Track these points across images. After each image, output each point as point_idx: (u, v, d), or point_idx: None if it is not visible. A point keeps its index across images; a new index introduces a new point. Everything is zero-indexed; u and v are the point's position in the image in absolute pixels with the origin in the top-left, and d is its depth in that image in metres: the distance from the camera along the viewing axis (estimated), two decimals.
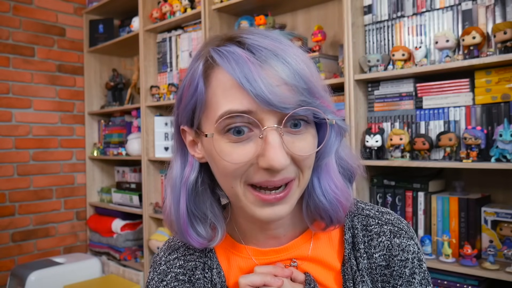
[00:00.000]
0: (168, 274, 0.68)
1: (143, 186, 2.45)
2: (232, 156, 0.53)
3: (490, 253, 1.37)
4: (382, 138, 1.59)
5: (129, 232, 2.65)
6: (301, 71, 0.52)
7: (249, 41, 0.54)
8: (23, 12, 2.64)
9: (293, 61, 0.52)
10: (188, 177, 0.62)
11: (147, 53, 2.46)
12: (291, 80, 0.51)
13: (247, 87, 0.50)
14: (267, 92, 0.50)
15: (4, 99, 2.56)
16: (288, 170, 0.54)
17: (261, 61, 0.51)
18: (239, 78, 0.51)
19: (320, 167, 0.60)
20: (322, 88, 0.56)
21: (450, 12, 1.51)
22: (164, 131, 2.37)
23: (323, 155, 0.58)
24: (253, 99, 0.51)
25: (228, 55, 0.52)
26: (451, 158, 1.46)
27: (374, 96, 1.66)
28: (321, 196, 0.59)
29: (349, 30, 1.62)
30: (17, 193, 2.61)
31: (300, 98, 0.52)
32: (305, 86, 0.52)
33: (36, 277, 2.22)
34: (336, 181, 0.60)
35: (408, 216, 1.58)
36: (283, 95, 0.51)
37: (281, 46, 0.54)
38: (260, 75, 0.50)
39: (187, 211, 0.62)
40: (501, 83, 1.39)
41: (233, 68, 0.51)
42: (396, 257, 0.63)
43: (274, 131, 0.52)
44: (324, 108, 0.55)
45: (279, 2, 1.98)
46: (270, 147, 0.51)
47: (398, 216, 0.69)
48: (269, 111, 0.51)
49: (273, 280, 0.59)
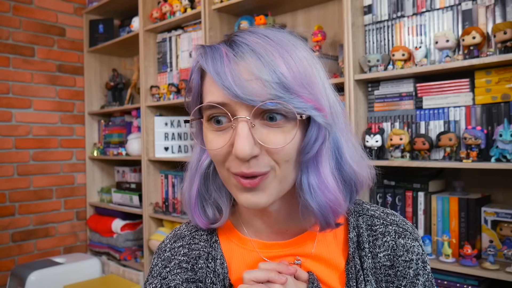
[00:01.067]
0: (171, 261, 0.69)
1: (143, 186, 2.45)
2: (211, 143, 0.58)
3: (490, 253, 1.37)
4: (382, 138, 1.59)
5: (129, 232, 2.65)
6: (276, 66, 0.54)
7: (236, 38, 0.57)
8: (23, 12, 2.64)
9: (270, 57, 0.54)
10: (202, 162, 0.67)
11: (147, 53, 2.46)
12: (262, 74, 0.53)
13: (217, 80, 0.54)
14: (234, 85, 0.53)
15: (4, 99, 2.56)
16: (260, 163, 0.55)
17: (238, 57, 0.55)
18: (212, 73, 0.55)
19: (306, 165, 0.58)
20: (305, 84, 0.55)
21: (450, 12, 1.51)
22: (164, 131, 2.37)
23: (305, 150, 0.57)
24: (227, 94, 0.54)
25: (208, 52, 0.57)
26: (451, 158, 1.46)
27: (374, 96, 1.66)
28: (307, 195, 0.58)
29: (349, 30, 1.62)
30: (17, 193, 2.61)
31: (271, 92, 0.53)
32: (278, 81, 0.53)
33: (36, 277, 2.22)
34: (326, 182, 0.58)
35: (408, 216, 1.58)
36: (252, 89, 0.53)
37: (263, 43, 0.56)
38: (232, 69, 0.54)
39: (197, 192, 0.67)
40: (501, 83, 1.39)
41: (207, 64, 0.55)
42: (401, 257, 0.64)
43: (244, 122, 0.54)
44: (301, 104, 0.54)
45: (279, 2, 1.98)
46: (237, 136, 0.54)
47: (403, 218, 0.69)
48: (242, 103, 0.54)
49: (277, 276, 0.59)
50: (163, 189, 2.42)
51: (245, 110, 0.54)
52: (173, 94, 2.29)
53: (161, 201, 2.44)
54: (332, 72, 1.78)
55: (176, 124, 2.40)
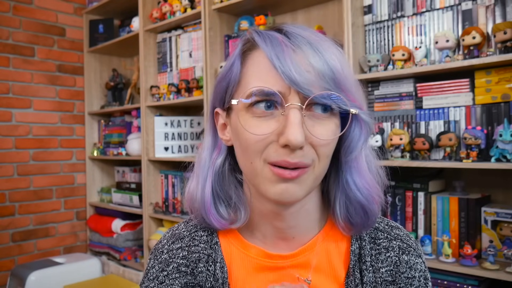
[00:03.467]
0: (170, 264, 0.66)
1: (143, 186, 2.45)
2: (255, 129, 0.56)
3: (490, 253, 1.37)
4: (382, 138, 1.59)
5: (129, 232, 2.65)
6: (331, 62, 0.55)
7: (288, 29, 0.58)
8: (23, 12, 2.64)
9: (325, 52, 0.56)
10: (215, 159, 0.65)
11: (147, 53, 2.46)
12: (319, 67, 0.54)
13: (277, 64, 0.54)
14: (295, 72, 0.53)
15: (4, 99, 2.56)
16: (305, 154, 0.55)
17: (294, 46, 0.55)
18: (271, 56, 0.55)
19: (349, 164, 0.61)
20: (351, 83, 0.58)
21: (450, 12, 1.51)
22: (164, 131, 2.37)
23: (349, 149, 0.60)
24: (282, 80, 0.54)
25: (266, 36, 0.57)
26: (451, 158, 1.46)
27: (374, 96, 1.66)
28: (356, 192, 0.61)
29: (349, 30, 1.62)
30: (17, 193, 2.61)
31: (325, 85, 0.54)
32: (332, 76, 0.55)
33: (36, 277, 2.22)
34: (367, 179, 0.62)
35: (408, 216, 1.58)
36: (310, 78, 0.54)
37: (316, 38, 0.57)
38: (291, 57, 0.54)
39: (212, 192, 0.64)
40: (501, 83, 1.39)
41: (268, 46, 0.56)
42: (403, 274, 0.64)
43: (296, 109, 0.54)
44: (348, 101, 0.56)
45: (279, 2, 1.98)
46: (289, 123, 0.53)
47: (406, 232, 0.69)
48: (294, 92, 0.54)
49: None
50: (163, 189, 2.42)
51: (298, 99, 0.54)
52: (173, 94, 2.29)
53: (161, 201, 2.44)
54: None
55: (176, 124, 2.40)
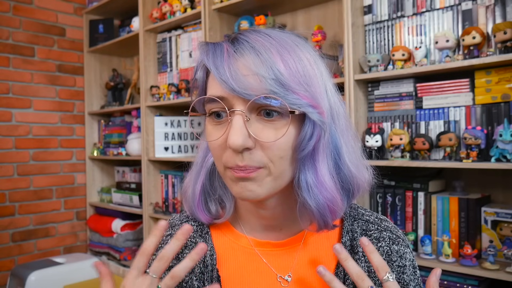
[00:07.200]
0: (158, 250, 0.70)
1: (143, 186, 2.45)
2: (210, 136, 0.60)
3: (490, 253, 1.37)
4: (382, 138, 1.59)
5: (129, 232, 2.65)
6: (273, 63, 0.55)
7: (239, 36, 0.59)
8: (23, 12, 2.64)
9: (268, 54, 0.55)
10: (208, 159, 0.69)
11: (147, 53, 2.46)
12: (259, 70, 0.54)
13: (216, 74, 0.56)
14: (231, 79, 0.54)
15: (4, 99, 2.56)
16: (253, 157, 0.56)
17: (237, 53, 0.56)
18: (211, 67, 0.57)
19: (303, 162, 0.59)
20: (302, 83, 0.56)
21: (450, 12, 1.51)
22: (164, 131, 2.37)
23: (300, 148, 0.58)
24: (223, 88, 0.56)
25: (211, 48, 0.59)
26: (451, 158, 1.46)
27: (374, 96, 1.66)
28: (305, 193, 0.59)
29: (349, 30, 1.62)
30: (17, 193, 2.61)
31: (267, 87, 0.54)
32: (274, 77, 0.54)
33: (36, 277, 2.22)
34: (323, 181, 0.59)
35: (408, 216, 1.58)
36: (248, 83, 0.54)
37: (263, 41, 0.57)
38: (231, 64, 0.55)
39: (202, 189, 0.68)
40: (501, 83, 1.39)
41: (209, 58, 0.57)
42: (395, 262, 0.66)
43: (239, 115, 0.56)
44: (296, 100, 0.55)
45: (279, 2, 1.98)
46: (231, 128, 0.56)
47: (394, 225, 0.72)
48: (238, 98, 0.55)
49: None
50: (163, 189, 2.42)
51: (241, 105, 0.56)
52: (173, 94, 2.28)
53: (161, 201, 2.44)
54: (332, 72, 1.78)
55: (176, 124, 2.40)
